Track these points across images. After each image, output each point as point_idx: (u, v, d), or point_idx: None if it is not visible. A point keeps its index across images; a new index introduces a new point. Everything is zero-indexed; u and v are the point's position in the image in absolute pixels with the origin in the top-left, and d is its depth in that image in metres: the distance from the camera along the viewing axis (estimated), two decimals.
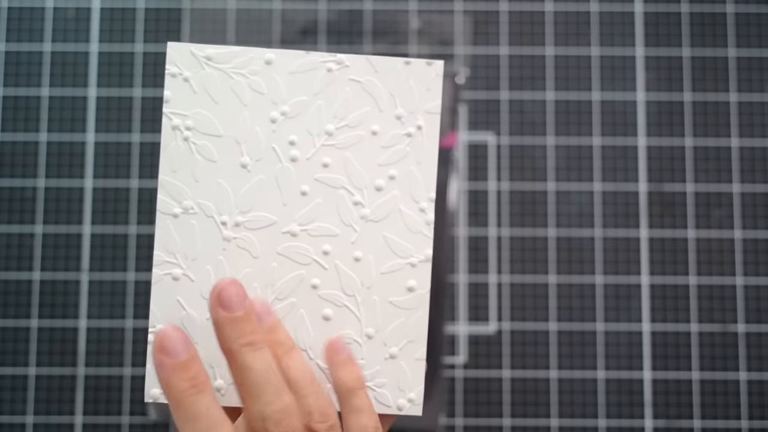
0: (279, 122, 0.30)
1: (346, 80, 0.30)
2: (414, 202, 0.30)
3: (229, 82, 0.30)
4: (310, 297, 0.30)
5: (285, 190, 0.30)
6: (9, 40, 0.46)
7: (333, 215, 0.30)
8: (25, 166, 0.45)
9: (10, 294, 0.44)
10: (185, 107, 0.30)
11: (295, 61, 0.30)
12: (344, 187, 0.30)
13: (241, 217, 0.30)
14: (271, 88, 0.30)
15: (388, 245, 0.30)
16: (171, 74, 0.31)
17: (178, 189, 0.30)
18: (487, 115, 0.46)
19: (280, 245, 0.30)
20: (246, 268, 0.30)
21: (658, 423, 0.44)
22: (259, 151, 0.30)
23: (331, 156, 0.30)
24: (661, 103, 0.46)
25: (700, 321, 0.44)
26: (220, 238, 0.30)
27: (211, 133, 0.30)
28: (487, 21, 0.47)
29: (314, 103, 0.30)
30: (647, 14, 0.47)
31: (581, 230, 0.45)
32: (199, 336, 0.29)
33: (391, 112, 0.30)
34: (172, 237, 0.30)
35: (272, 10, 0.46)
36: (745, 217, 0.45)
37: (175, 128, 0.30)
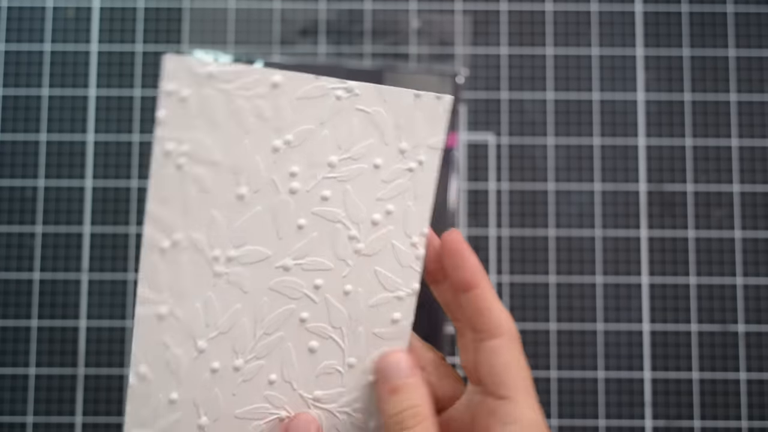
0: (281, 151, 0.28)
1: (353, 110, 0.29)
2: (406, 237, 0.30)
3: (232, 105, 0.28)
4: (298, 331, 0.29)
5: (282, 223, 0.29)
6: (9, 40, 0.46)
7: (327, 249, 0.29)
8: (25, 166, 0.45)
9: (10, 294, 0.44)
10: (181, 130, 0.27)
11: (304, 85, 0.28)
12: (341, 221, 0.29)
13: (234, 251, 0.28)
14: (276, 114, 0.28)
15: (378, 279, 0.29)
16: (167, 92, 0.27)
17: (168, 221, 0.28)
18: (487, 115, 0.46)
19: (272, 280, 0.29)
20: (236, 304, 0.28)
21: (658, 423, 0.44)
22: (258, 181, 0.28)
23: (331, 189, 0.29)
24: (661, 103, 0.46)
25: (700, 321, 0.44)
26: (211, 273, 0.28)
27: (208, 160, 0.28)
28: (487, 21, 0.47)
29: (320, 132, 0.29)
30: (647, 14, 0.47)
31: (581, 230, 0.45)
32: (183, 375, 0.28)
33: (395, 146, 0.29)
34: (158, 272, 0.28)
35: (272, 9, 0.46)
36: (745, 217, 0.45)
37: (168, 154, 0.27)
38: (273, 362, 0.29)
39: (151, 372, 0.28)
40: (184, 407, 0.28)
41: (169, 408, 0.28)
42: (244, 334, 0.28)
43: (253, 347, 0.29)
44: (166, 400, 0.28)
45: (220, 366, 0.28)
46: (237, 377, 0.29)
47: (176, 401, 0.28)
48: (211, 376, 0.28)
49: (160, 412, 0.28)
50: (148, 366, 0.28)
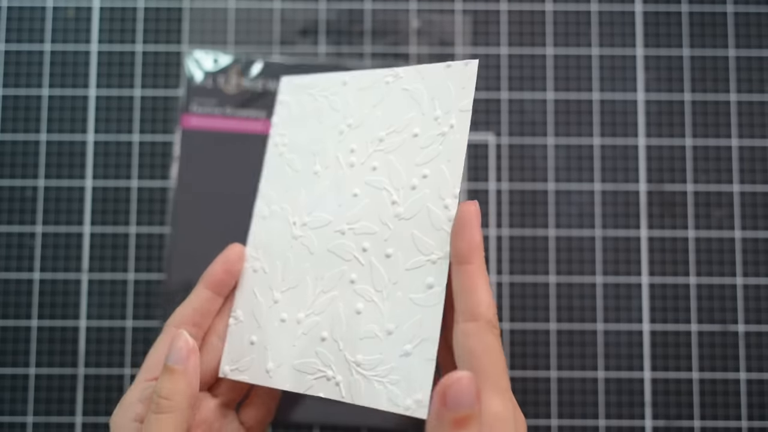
0: (345, 133, 0.34)
1: (399, 90, 0.33)
2: (440, 199, 0.31)
3: (315, 103, 0.35)
4: (348, 291, 0.31)
5: (341, 192, 0.33)
6: (9, 40, 0.46)
7: (374, 214, 0.32)
8: (25, 166, 0.45)
9: (10, 294, 0.44)
10: (285, 127, 0.35)
11: (363, 78, 0.34)
12: (385, 188, 0.32)
13: (307, 217, 0.33)
14: (343, 105, 0.34)
15: (414, 242, 0.31)
16: (280, 102, 0.36)
17: (271, 196, 0.35)
18: (487, 115, 0.46)
19: (331, 242, 0.32)
20: (305, 263, 0.33)
21: (658, 423, 0.44)
22: (327, 159, 0.34)
23: (379, 160, 0.32)
24: (661, 103, 0.46)
25: (700, 321, 0.44)
26: (290, 236, 0.33)
27: (298, 147, 0.35)
28: (487, 21, 0.47)
29: (373, 113, 0.33)
30: (647, 14, 0.47)
31: (581, 230, 0.45)
32: (263, 321, 0.33)
33: (431, 115, 0.32)
34: (259, 235, 0.34)
35: (272, 9, 0.46)
36: (745, 217, 0.45)
37: (275, 146, 0.35)
38: (326, 320, 0.32)
39: (243, 315, 0.33)
40: (259, 349, 0.32)
41: (250, 349, 0.33)
42: (306, 291, 0.32)
43: (312, 303, 0.32)
44: (248, 342, 0.33)
45: (287, 317, 0.32)
46: (298, 329, 0.32)
47: (255, 343, 0.33)
48: (280, 324, 0.32)
49: (243, 351, 0.33)
50: (242, 310, 0.33)
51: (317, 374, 0.31)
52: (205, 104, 0.44)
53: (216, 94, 0.44)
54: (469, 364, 0.26)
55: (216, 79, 0.44)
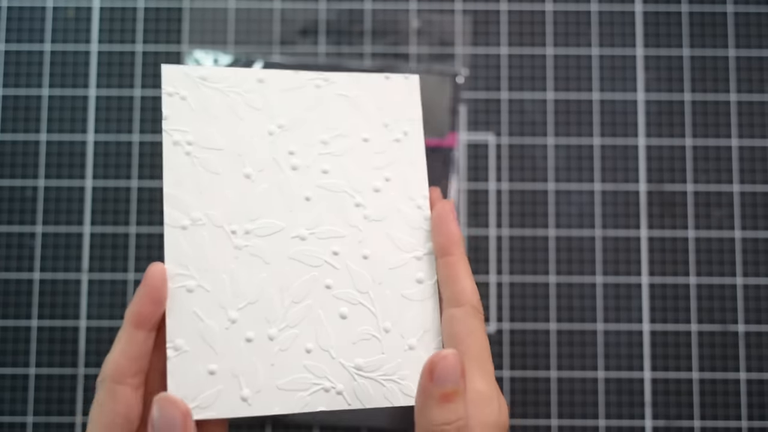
0: (276, 134, 0.32)
1: (334, 95, 0.33)
2: (411, 200, 0.32)
3: (226, 99, 0.32)
4: (326, 297, 0.30)
5: (289, 197, 0.31)
6: (9, 40, 0.46)
7: (337, 218, 0.31)
8: (25, 166, 0.45)
9: (10, 294, 0.44)
10: (184, 123, 0.31)
11: (285, 79, 0.32)
12: (345, 191, 0.32)
13: (249, 225, 0.30)
14: (265, 104, 0.32)
15: (392, 242, 0.31)
16: (168, 94, 0.31)
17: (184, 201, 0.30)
18: (487, 115, 0.46)
19: (290, 249, 0.30)
20: (261, 274, 0.30)
21: (658, 423, 0.44)
22: (261, 161, 0.31)
23: (329, 163, 0.32)
24: (661, 103, 0.46)
25: (700, 321, 0.44)
26: (231, 246, 0.30)
27: (212, 146, 0.31)
28: (487, 21, 0.47)
29: (307, 116, 0.32)
30: (647, 14, 0.47)
31: (581, 230, 0.45)
32: (219, 346, 0.29)
33: (378, 121, 0.33)
34: (182, 249, 0.30)
35: (272, 9, 0.46)
36: (745, 217, 0.45)
37: (177, 143, 0.31)
38: (307, 330, 0.30)
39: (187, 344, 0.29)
40: (225, 378, 0.28)
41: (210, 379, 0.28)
42: (272, 303, 0.30)
43: (284, 316, 0.30)
44: (206, 372, 0.28)
45: (255, 335, 0.29)
46: (273, 346, 0.29)
47: (216, 372, 0.28)
48: (247, 345, 0.29)
49: (201, 385, 0.28)
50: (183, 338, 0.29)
51: (312, 388, 0.29)
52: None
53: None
54: (455, 346, 0.28)
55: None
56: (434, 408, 0.26)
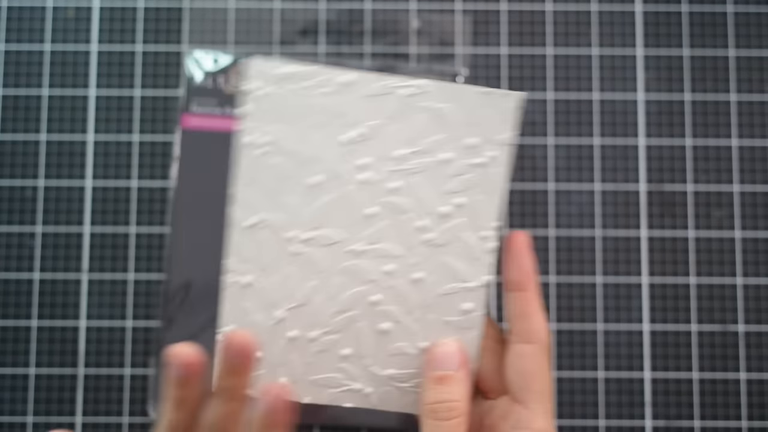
0: (352, 144, 0.30)
1: (421, 106, 0.30)
2: (477, 230, 0.31)
3: (306, 101, 0.30)
4: (370, 311, 0.31)
5: (352, 211, 0.31)
6: (9, 40, 0.46)
7: (397, 237, 0.31)
8: (25, 166, 0.45)
9: (10, 294, 0.44)
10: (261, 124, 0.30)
11: (372, 84, 0.30)
12: (410, 211, 0.31)
13: (309, 233, 0.31)
14: (346, 110, 0.30)
15: (447, 269, 0.31)
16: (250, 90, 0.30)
17: (252, 203, 0.31)
18: None
19: (344, 262, 0.31)
20: (311, 281, 0.31)
21: (658, 423, 0.44)
22: (331, 171, 0.30)
23: (400, 180, 0.30)
24: (661, 102, 0.46)
25: (700, 321, 0.44)
26: (288, 252, 0.31)
27: (285, 150, 0.30)
28: (487, 21, 0.47)
29: (388, 127, 0.30)
30: (647, 14, 0.47)
31: (581, 230, 0.45)
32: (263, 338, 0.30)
33: (463, 141, 0.30)
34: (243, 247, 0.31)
35: (272, 9, 0.46)
36: (745, 217, 0.45)
37: (251, 144, 0.30)
38: (346, 338, 0.31)
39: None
40: (265, 365, 0.31)
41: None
42: (318, 309, 0.31)
43: (327, 322, 0.31)
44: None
45: (297, 335, 0.31)
46: (312, 347, 0.31)
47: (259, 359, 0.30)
48: (288, 342, 0.31)
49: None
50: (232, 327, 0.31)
51: (341, 387, 0.31)
52: (205, 104, 0.44)
53: (216, 94, 0.44)
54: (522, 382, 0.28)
55: (216, 79, 0.44)
56: (429, 389, 0.28)
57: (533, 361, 0.28)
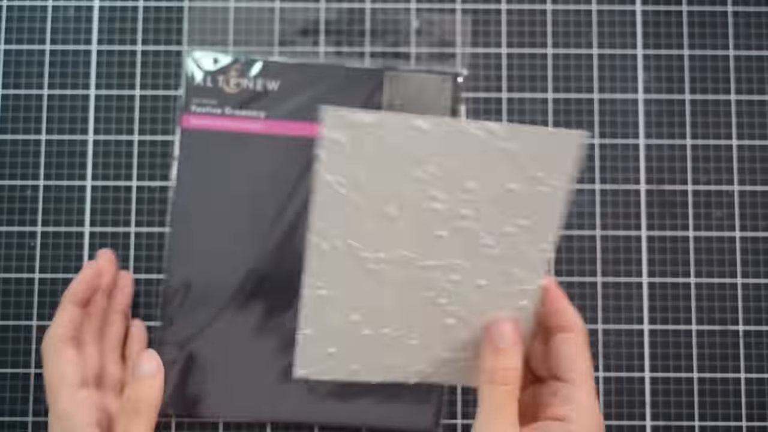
0: (425, 180, 0.32)
1: (494, 148, 0.32)
2: (536, 245, 0.33)
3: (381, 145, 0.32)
4: (436, 311, 0.34)
5: (424, 234, 0.33)
6: (9, 40, 0.46)
7: (464, 254, 0.34)
8: (25, 166, 0.45)
9: (10, 294, 0.44)
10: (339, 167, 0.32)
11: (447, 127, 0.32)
12: (477, 232, 0.33)
13: (382, 254, 0.34)
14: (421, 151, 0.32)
15: (508, 276, 0.34)
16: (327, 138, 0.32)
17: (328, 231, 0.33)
18: (487, 115, 0.46)
19: (415, 276, 0.34)
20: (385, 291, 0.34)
21: (658, 423, 0.44)
22: (405, 203, 0.33)
23: (469, 208, 0.33)
24: (661, 102, 0.46)
25: (700, 321, 0.44)
26: (362, 269, 0.34)
27: (360, 186, 0.32)
28: (487, 21, 0.47)
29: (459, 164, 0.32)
30: (647, 14, 0.47)
31: (581, 230, 0.45)
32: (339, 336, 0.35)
33: (529, 174, 0.33)
34: (320, 267, 0.34)
35: (273, 9, 0.46)
36: (745, 217, 0.45)
37: (329, 183, 0.32)
38: (414, 331, 0.35)
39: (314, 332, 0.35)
40: (340, 357, 0.35)
41: (328, 357, 0.35)
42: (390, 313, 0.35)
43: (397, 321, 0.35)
44: (326, 353, 0.35)
45: (371, 333, 0.35)
46: (383, 340, 0.35)
47: (333, 354, 0.35)
48: (362, 337, 0.35)
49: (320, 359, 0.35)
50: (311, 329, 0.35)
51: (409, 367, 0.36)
52: (205, 104, 0.44)
53: (216, 94, 0.44)
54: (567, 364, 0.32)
55: (216, 79, 0.44)
56: (488, 358, 0.32)
57: (576, 345, 0.33)
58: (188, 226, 0.43)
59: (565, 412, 0.31)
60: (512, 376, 0.32)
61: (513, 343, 0.32)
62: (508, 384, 0.31)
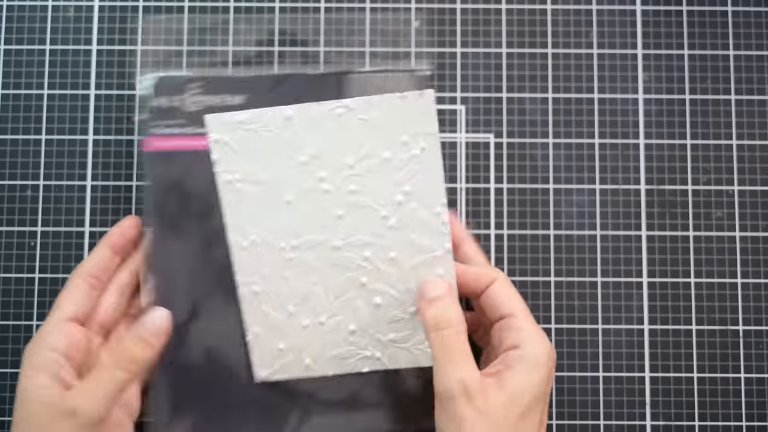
0: (308, 163, 0.37)
1: (355, 120, 0.36)
2: (429, 208, 0.37)
3: (261, 138, 0.37)
4: (362, 291, 0.37)
5: (324, 216, 0.37)
6: (9, 41, 0.46)
7: (366, 228, 0.37)
8: (25, 166, 0.45)
9: (10, 294, 0.44)
10: (231, 164, 0.37)
11: (310, 111, 0.37)
12: (371, 206, 0.37)
13: (295, 241, 0.37)
14: (295, 138, 0.37)
15: (415, 245, 0.37)
16: (214, 140, 0.37)
17: (242, 227, 0.37)
18: (487, 115, 0.46)
19: (330, 257, 0.37)
20: (309, 278, 0.37)
21: (658, 423, 0.44)
22: (298, 188, 0.37)
23: (355, 183, 0.37)
24: (662, 102, 0.46)
25: (700, 321, 0.44)
26: (283, 258, 0.37)
27: (257, 180, 0.37)
28: (487, 21, 0.47)
29: (333, 143, 0.37)
30: (647, 14, 0.47)
31: (581, 230, 0.45)
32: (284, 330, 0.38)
33: (397, 140, 0.36)
34: (246, 263, 0.37)
35: (273, 7, 0.46)
36: (745, 217, 0.45)
37: (228, 182, 0.37)
38: (348, 317, 0.38)
39: (261, 331, 0.38)
40: (291, 352, 0.38)
41: (280, 354, 0.38)
42: (320, 299, 0.37)
43: (330, 307, 0.37)
44: (277, 349, 0.38)
45: (309, 323, 0.38)
46: (323, 329, 0.38)
47: (284, 349, 0.38)
48: (304, 330, 0.38)
49: (274, 357, 0.38)
50: (258, 327, 0.38)
51: (357, 356, 0.38)
52: (166, 125, 0.42)
53: (175, 114, 0.42)
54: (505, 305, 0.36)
55: (174, 98, 0.42)
56: (426, 311, 0.35)
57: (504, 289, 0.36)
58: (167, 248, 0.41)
59: (517, 340, 0.34)
60: (454, 319, 0.34)
61: (445, 292, 0.35)
62: (451, 326, 0.34)
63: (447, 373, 0.33)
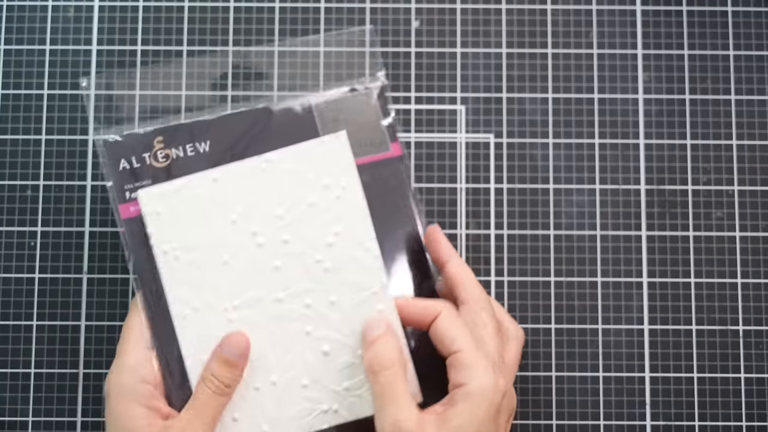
0: (239, 222, 0.37)
1: (278, 171, 0.37)
2: (360, 245, 0.37)
3: (192, 204, 0.37)
4: (308, 341, 0.37)
5: (261, 270, 0.37)
6: (9, 41, 0.46)
7: (304, 276, 0.37)
8: (25, 166, 0.45)
9: (10, 294, 0.44)
10: (166, 235, 0.37)
11: (235, 171, 0.37)
12: (304, 252, 0.37)
13: (236, 301, 0.37)
14: (224, 198, 0.37)
15: (352, 284, 0.37)
16: (147, 213, 0.37)
17: (183, 296, 0.37)
18: (487, 115, 0.46)
19: (272, 311, 0.37)
20: (254, 336, 0.36)
21: (657, 423, 0.44)
22: (232, 247, 0.37)
23: (287, 233, 0.37)
24: (662, 102, 0.46)
25: (699, 321, 0.44)
26: (226, 321, 0.37)
27: (192, 246, 0.37)
28: (487, 21, 0.47)
29: (260, 198, 0.37)
30: (647, 14, 0.47)
31: (581, 230, 0.45)
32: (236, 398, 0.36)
33: (319, 184, 0.37)
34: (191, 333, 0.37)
35: (274, 7, 0.46)
36: (745, 217, 0.45)
37: (165, 252, 0.37)
38: (300, 371, 0.37)
39: None
40: (246, 421, 0.36)
41: (236, 424, 0.36)
42: (268, 357, 0.36)
43: (279, 364, 0.37)
44: (231, 419, 0.36)
45: (261, 385, 0.36)
46: (277, 389, 0.36)
47: (238, 419, 0.36)
48: (256, 393, 0.36)
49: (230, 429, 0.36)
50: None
51: (315, 412, 0.37)
52: (137, 187, 0.39)
53: (145, 173, 0.40)
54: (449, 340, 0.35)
55: (142, 158, 0.40)
56: (366, 352, 0.35)
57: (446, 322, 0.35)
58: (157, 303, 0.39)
59: (462, 377, 0.34)
60: (391, 359, 0.34)
61: (384, 331, 0.35)
62: (388, 368, 0.34)
63: (383, 415, 0.33)
